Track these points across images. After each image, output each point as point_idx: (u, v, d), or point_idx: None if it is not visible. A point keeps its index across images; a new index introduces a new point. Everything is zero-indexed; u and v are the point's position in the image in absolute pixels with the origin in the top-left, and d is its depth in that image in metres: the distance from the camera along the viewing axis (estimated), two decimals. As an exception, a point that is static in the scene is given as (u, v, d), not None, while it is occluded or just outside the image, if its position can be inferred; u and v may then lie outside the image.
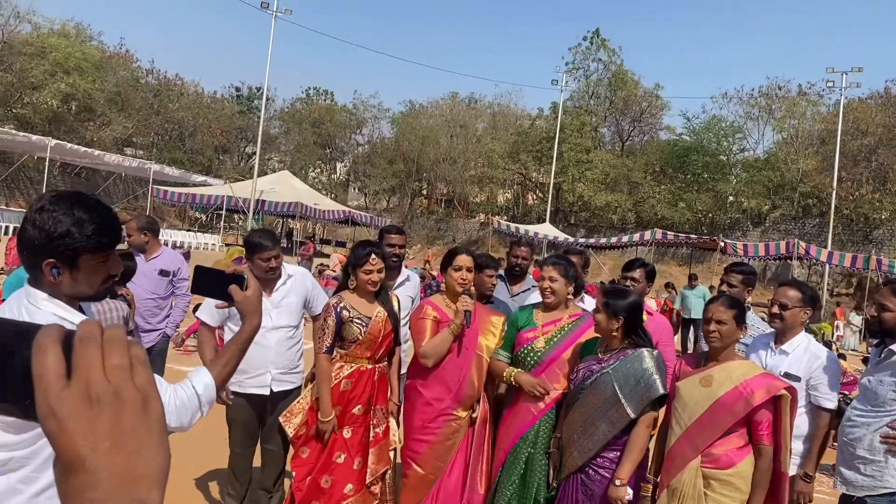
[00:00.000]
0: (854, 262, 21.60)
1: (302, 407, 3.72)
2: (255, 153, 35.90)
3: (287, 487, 3.99)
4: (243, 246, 4.03)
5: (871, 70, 46.88)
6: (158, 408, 0.56)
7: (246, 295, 1.67)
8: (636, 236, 26.08)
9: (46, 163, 26.11)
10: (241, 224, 35.59)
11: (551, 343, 3.56)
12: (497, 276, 4.38)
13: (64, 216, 1.54)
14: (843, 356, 11.95)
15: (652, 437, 3.61)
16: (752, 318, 4.10)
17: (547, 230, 30.81)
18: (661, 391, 3.13)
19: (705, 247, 26.01)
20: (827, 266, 25.18)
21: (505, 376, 3.62)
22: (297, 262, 16.87)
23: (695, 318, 12.84)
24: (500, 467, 3.60)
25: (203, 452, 4.76)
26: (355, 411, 3.65)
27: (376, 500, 3.75)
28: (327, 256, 25.23)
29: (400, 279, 4.55)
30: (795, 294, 3.56)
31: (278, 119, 51.12)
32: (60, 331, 0.55)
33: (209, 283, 1.69)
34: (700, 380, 3.21)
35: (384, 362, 3.82)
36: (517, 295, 4.82)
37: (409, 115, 49.22)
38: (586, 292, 4.52)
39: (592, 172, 39.54)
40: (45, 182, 26.93)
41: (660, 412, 3.51)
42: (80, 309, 1.67)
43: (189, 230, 32.95)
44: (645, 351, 3.20)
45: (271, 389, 3.90)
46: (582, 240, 29.74)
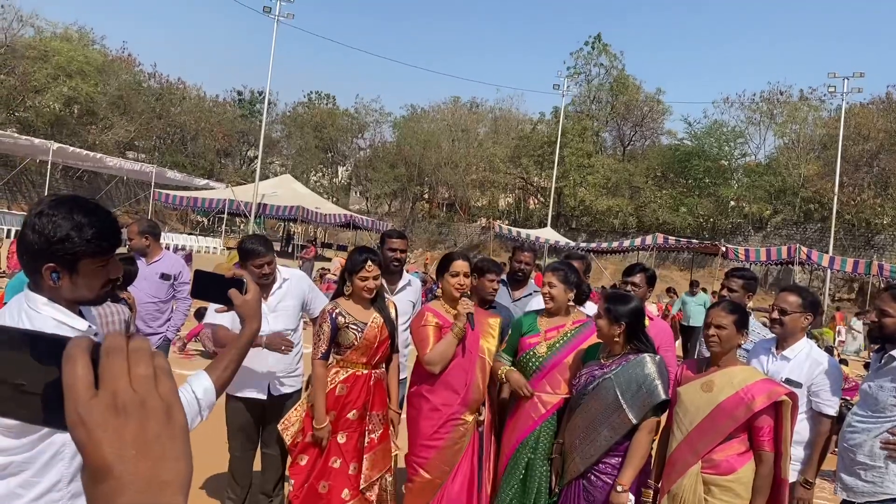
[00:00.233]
0: (856, 267, 21.59)
1: (299, 415, 3.71)
2: (256, 157, 35.98)
3: (287, 493, 3.98)
4: (237, 252, 4.02)
5: (873, 75, 46.88)
6: (181, 416, 0.58)
7: (245, 299, 1.67)
8: (637, 241, 26.07)
9: (48, 166, 26.16)
10: (242, 228, 35.62)
11: (553, 349, 3.56)
12: (499, 280, 4.37)
13: (63, 220, 1.54)
14: (845, 361, 11.91)
15: (653, 443, 3.61)
16: (754, 323, 4.09)
17: (548, 234, 30.80)
18: (662, 397, 3.12)
19: (707, 252, 26.00)
20: (828, 271, 25.15)
21: (499, 374, 3.66)
22: (298, 266, 16.87)
23: (693, 325, 12.40)
24: (503, 472, 3.61)
25: (203, 456, 4.75)
26: (350, 416, 3.64)
27: None
28: (329, 260, 25.24)
29: (401, 284, 4.54)
30: (795, 299, 3.56)
31: (280, 123, 51.26)
32: (89, 342, 0.57)
33: (209, 287, 1.69)
34: (701, 385, 3.21)
35: (381, 368, 3.81)
36: (519, 300, 4.81)
37: (410, 120, 49.31)
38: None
39: (594, 177, 39.57)
40: (46, 185, 26.98)
41: (661, 417, 3.50)
42: (80, 313, 1.67)
43: (191, 234, 32.97)
44: (647, 356, 3.19)
45: (270, 394, 3.90)
46: (583, 244, 29.74)
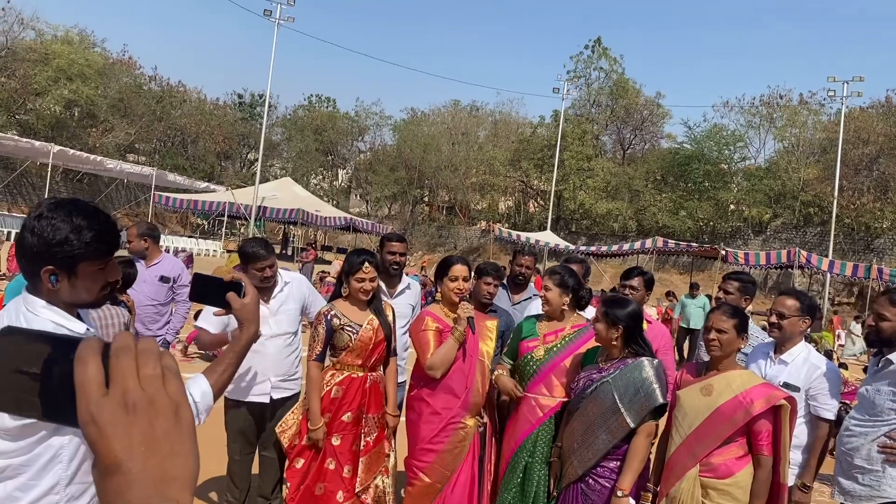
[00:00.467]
0: (855, 271, 21.58)
1: (296, 418, 3.71)
2: (257, 160, 35.98)
3: (284, 495, 3.97)
4: (238, 256, 4.03)
5: (873, 79, 47.17)
6: (189, 415, 0.60)
7: (244, 303, 1.68)
8: (637, 244, 26.09)
9: (49, 169, 26.19)
10: (242, 230, 35.63)
11: (551, 352, 3.57)
12: (497, 284, 4.37)
13: (62, 223, 1.54)
14: (845, 365, 11.90)
15: (652, 446, 3.61)
16: (752, 327, 4.09)
17: (548, 238, 30.81)
18: (660, 400, 3.12)
19: (706, 255, 25.98)
20: (828, 275, 25.16)
21: (494, 377, 3.69)
22: (297, 269, 16.86)
23: (693, 328, 12.54)
24: (503, 476, 3.61)
25: (201, 459, 4.72)
26: (344, 419, 3.64)
27: None
28: (329, 263, 25.24)
29: (401, 287, 4.54)
30: (793, 303, 3.56)
31: (280, 126, 51.26)
32: (100, 343, 0.59)
33: (207, 290, 1.70)
34: (700, 389, 3.21)
35: (377, 371, 3.80)
36: (518, 304, 4.81)
37: (410, 123, 49.32)
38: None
39: (594, 180, 39.58)
40: (47, 188, 27.01)
41: (660, 421, 3.50)
42: (79, 316, 1.67)
43: (191, 236, 33.00)
44: (645, 360, 3.19)
45: (271, 397, 3.90)
46: (583, 248, 29.73)
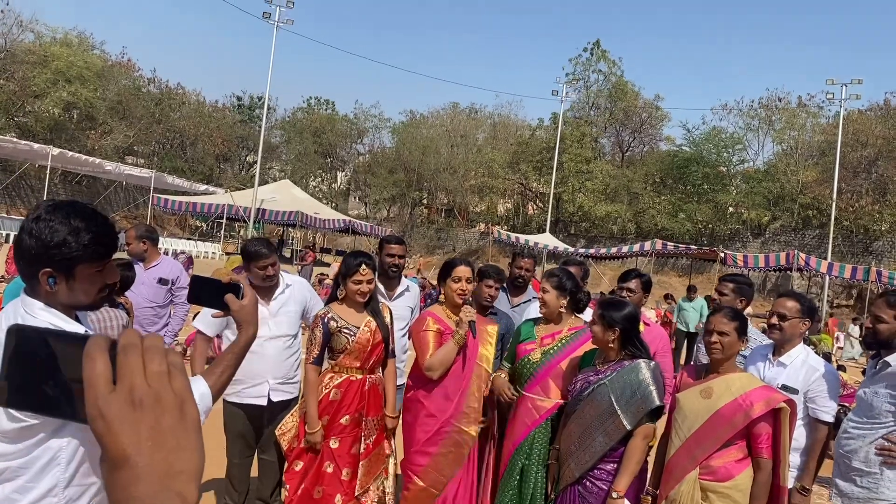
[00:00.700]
0: (854, 273, 21.59)
1: (294, 421, 3.70)
2: (255, 162, 35.98)
3: (283, 498, 3.97)
4: (241, 255, 4.05)
5: (871, 82, 47.22)
6: (194, 410, 0.61)
7: (242, 304, 1.67)
8: (636, 247, 26.09)
9: (48, 171, 26.17)
10: (241, 233, 35.61)
11: (548, 355, 3.57)
12: (499, 287, 4.36)
13: (60, 225, 1.54)
14: (843, 368, 11.91)
15: (651, 449, 3.61)
16: (751, 329, 4.09)
17: (547, 240, 30.81)
18: (656, 402, 3.12)
19: (705, 258, 26.00)
20: (827, 277, 25.17)
21: (492, 378, 3.71)
22: (296, 271, 16.85)
23: (691, 331, 12.33)
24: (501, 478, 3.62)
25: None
26: (343, 421, 3.63)
27: None
28: (327, 265, 25.23)
29: (399, 289, 4.54)
30: (794, 305, 3.55)
31: (279, 128, 51.29)
32: (107, 340, 0.61)
33: (205, 292, 1.69)
34: (700, 391, 3.21)
35: (376, 373, 3.79)
36: (517, 306, 4.81)
37: (409, 125, 49.38)
38: None
39: (592, 183, 39.62)
40: (45, 190, 26.98)
41: (658, 424, 3.50)
42: (77, 318, 1.67)
43: (189, 239, 32.98)
44: (642, 362, 3.19)
45: (269, 399, 3.88)
46: (582, 250, 29.72)
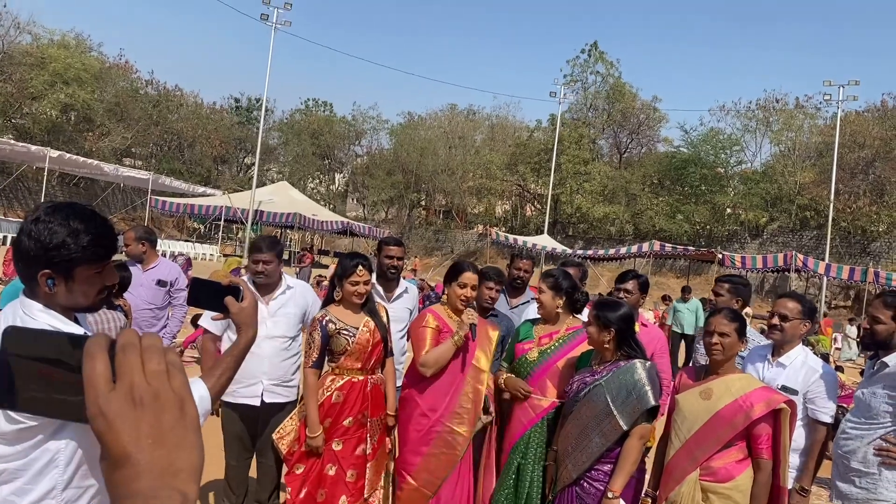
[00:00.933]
0: (851, 274, 21.66)
1: (294, 424, 3.67)
2: (253, 164, 35.99)
3: (283, 501, 3.96)
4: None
5: (868, 83, 47.32)
6: (193, 409, 0.62)
7: (241, 307, 1.67)
8: (634, 248, 26.16)
9: (45, 173, 26.15)
10: (239, 235, 35.59)
11: (545, 354, 3.59)
12: (499, 289, 4.37)
13: (59, 227, 1.53)
14: (841, 369, 11.93)
15: (650, 450, 3.61)
16: (749, 330, 4.09)
17: (545, 241, 30.84)
18: (652, 402, 3.12)
19: (703, 259, 26.06)
20: (825, 278, 25.21)
21: (499, 382, 3.72)
22: (295, 273, 16.85)
23: (686, 333, 12.02)
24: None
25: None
26: (346, 423, 3.62)
27: None
28: (326, 267, 25.21)
29: (398, 291, 4.53)
30: (796, 306, 3.54)
31: (277, 130, 51.31)
32: (107, 340, 0.61)
33: (205, 294, 1.69)
34: (700, 393, 3.21)
35: (377, 373, 3.79)
36: (516, 307, 4.81)
37: (407, 127, 49.39)
38: None
39: (590, 184, 39.66)
40: (43, 192, 26.98)
41: (656, 425, 3.50)
42: (76, 320, 1.67)
43: (187, 241, 32.96)
44: (637, 362, 3.19)
45: (262, 400, 3.85)
46: (580, 251, 29.79)
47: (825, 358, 12.64)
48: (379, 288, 4.41)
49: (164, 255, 6.37)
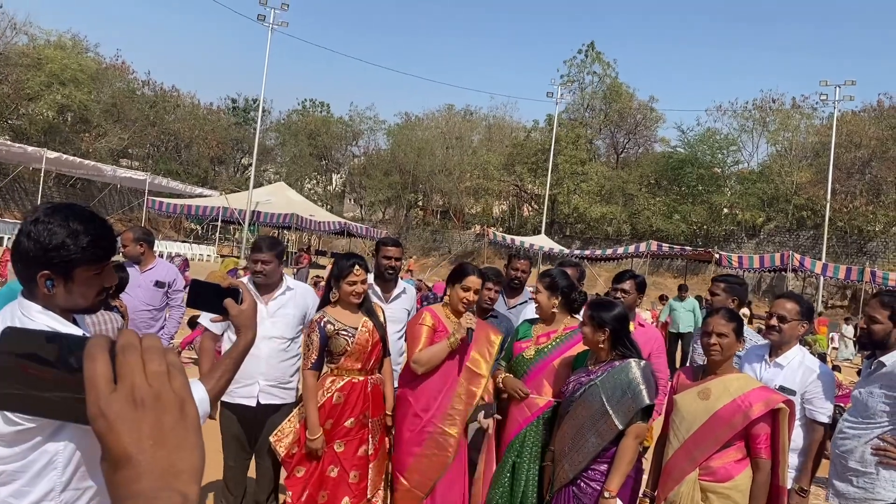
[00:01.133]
0: (848, 274, 21.71)
1: (292, 426, 3.65)
2: (250, 164, 35.96)
3: (282, 503, 3.95)
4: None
5: (864, 83, 47.45)
6: (193, 410, 0.62)
7: (241, 309, 1.66)
8: (631, 248, 26.20)
9: (42, 174, 26.09)
10: (236, 235, 35.55)
11: (541, 354, 3.60)
12: (499, 290, 4.37)
13: (59, 228, 1.53)
14: (839, 368, 11.94)
15: (648, 450, 3.61)
16: (747, 330, 4.10)
17: (542, 242, 30.85)
18: (646, 401, 3.12)
19: (700, 258, 26.11)
20: (821, 278, 25.28)
21: (497, 382, 3.71)
22: (292, 273, 16.81)
23: (683, 332, 11.87)
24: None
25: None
26: (347, 424, 3.61)
27: None
28: (323, 268, 25.19)
29: (396, 291, 4.53)
30: (794, 307, 3.53)
31: (274, 130, 51.22)
32: (108, 341, 0.61)
33: (205, 296, 1.69)
34: (698, 393, 3.21)
35: (376, 374, 3.78)
36: (514, 307, 4.82)
37: (404, 127, 49.39)
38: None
39: (587, 184, 39.70)
40: (40, 193, 26.91)
41: (654, 425, 3.50)
42: (75, 321, 1.67)
43: (185, 241, 32.90)
44: (633, 361, 3.20)
45: (259, 401, 3.83)
46: (577, 251, 29.82)
47: (822, 357, 12.64)
48: (377, 288, 4.41)
49: (161, 255, 6.36)
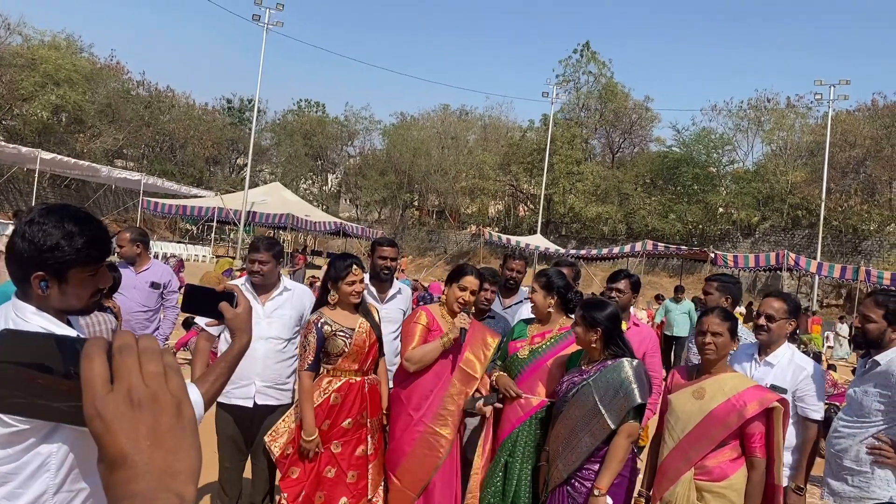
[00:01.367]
0: (843, 273, 21.74)
1: (287, 426, 3.64)
2: (246, 165, 35.89)
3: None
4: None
5: (859, 83, 47.53)
6: (190, 411, 0.62)
7: (236, 312, 1.66)
8: (627, 248, 26.22)
9: (36, 174, 26.00)
10: (231, 236, 35.49)
11: (536, 353, 3.61)
12: (495, 291, 4.37)
13: (54, 229, 1.53)
14: (834, 367, 11.96)
15: (644, 450, 3.61)
16: (740, 329, 4.11)
17: (538, 241, 30.86)
18: (638, 400, 3.13)
19: (696, 258, 26.14)
20: (816, 277, 25.34)
21: (491, 380, 3.71)
22: (288, 274, 16.78)
23: (678, 335, 11.53)
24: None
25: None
26: (344, 425, 3.61)
27: None
28: (319, 268, 25.16)
29: (392, 292, 4.53)
30: (781, 305, 3.55)
31: (270, 131, 51.09)
32: (105, 342, 0.62)
33: (200, 300, 1.68)
34: (692, 392, 3.22)
35: (372, 374, 3.78)
36: (509, 307, 4.82)
37: (400, 127, 49.31)
38: None
39: (583, 184, 39.72)
40: (34, 194, 26.81)
41: (649, 424, 3.51)
42: (69, 322, 1.66)
43: (180, 242, 32.82)
44: (625, 360, 3.21)
45: (255, 402, 3.84)
46: (573, 251, 29.84)
47: (817, 357, 12.67)
48: (372, 289, 4.41)
49: (156, 256, 6.35)
